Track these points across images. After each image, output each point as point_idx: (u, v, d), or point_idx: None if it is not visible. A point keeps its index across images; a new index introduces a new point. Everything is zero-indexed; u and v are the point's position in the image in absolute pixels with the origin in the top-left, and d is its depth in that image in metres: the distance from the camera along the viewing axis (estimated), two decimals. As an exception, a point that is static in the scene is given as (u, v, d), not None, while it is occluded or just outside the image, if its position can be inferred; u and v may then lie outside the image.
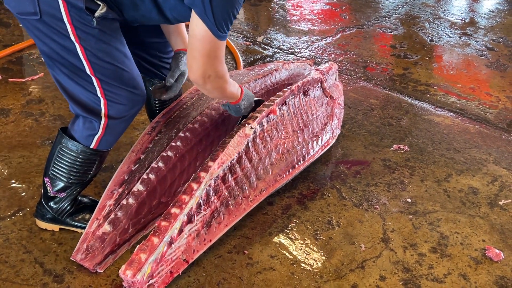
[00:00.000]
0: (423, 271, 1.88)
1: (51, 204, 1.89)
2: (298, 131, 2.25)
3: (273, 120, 2.12)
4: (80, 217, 1.92)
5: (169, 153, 1.98)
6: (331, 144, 2.40)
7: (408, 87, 3.13)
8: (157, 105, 2.25)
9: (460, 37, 3.84)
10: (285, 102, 2.21)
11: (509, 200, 2.24)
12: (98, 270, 1.79)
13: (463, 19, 4.18)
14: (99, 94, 1.70)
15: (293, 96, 2.25)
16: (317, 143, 2.32)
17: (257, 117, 2.05)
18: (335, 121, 2.50)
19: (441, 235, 2.04)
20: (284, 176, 2.13)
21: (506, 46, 3.72)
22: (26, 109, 2.67)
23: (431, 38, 3.82)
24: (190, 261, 1.78)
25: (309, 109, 2.35)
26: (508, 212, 2.17)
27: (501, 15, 4.29)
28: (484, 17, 4.23)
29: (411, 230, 2.06)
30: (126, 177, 1.95)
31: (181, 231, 1.73)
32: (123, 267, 1.64)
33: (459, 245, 2.00)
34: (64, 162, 1.81)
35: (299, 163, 2.21)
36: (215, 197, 1.86)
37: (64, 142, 1.79)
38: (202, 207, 1.81)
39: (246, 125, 2.00)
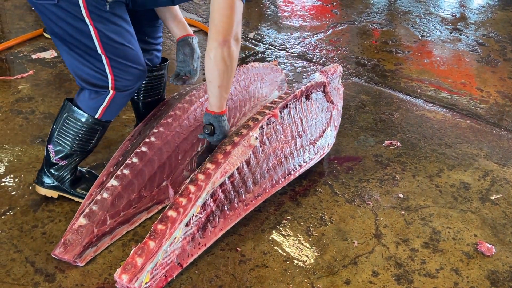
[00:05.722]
0: (416, 266, 1.89)
1: (52, 170, 2.00)
2: (297, 137, 2.22)
3: (273, 123, 2.10)
4: (78, 186, 2.04)
5: (143, 149, 2.00)
6: (326, 153, 2.37)
7: (399, 83, 3.14)
8: (142, 105, 2.32)
9: (451, 33, 3.85)
10: (286, 105, 2.19)
11: (501, 195, 2.25)
12: (79, 264, 1.78)
13: (454, 14, 4.19)
14: (107, 71, 1.83)
15: (294, 100, 2.23)
16: (313, 150, 2.28)
17: (258, 119, 2.03)
18: (332, 128, 2.45)
19: (433, 230, 2.05)
20: (280, 182, 2.11)
21: (496, 41, 3.73)
22: (15, 107, 2.64)
23: (422, 33, 3.83)
24: (185, 265, 1.77)
25: (309, 113, 2.31)
26: (500, 206, 2.18)
27: (491, 10, 4.31)
28: (474, 12, 4.25)
29: (403, 226, 2.06)
30: (104, 179, 2.00)
31: None
32: (118, 270, 1.62)
33: (451, 240, 2.01)
34: (69, 130, 1.92)
35: (295, 170, 2.17)
36: (211, 200, 1.85)
37: (71, 111, 1.91)
38: (198, 210, 1.80)
39: (251, 134, 1.97)
